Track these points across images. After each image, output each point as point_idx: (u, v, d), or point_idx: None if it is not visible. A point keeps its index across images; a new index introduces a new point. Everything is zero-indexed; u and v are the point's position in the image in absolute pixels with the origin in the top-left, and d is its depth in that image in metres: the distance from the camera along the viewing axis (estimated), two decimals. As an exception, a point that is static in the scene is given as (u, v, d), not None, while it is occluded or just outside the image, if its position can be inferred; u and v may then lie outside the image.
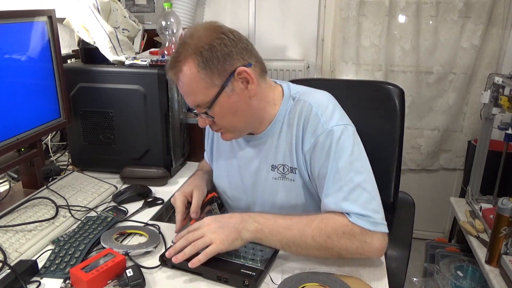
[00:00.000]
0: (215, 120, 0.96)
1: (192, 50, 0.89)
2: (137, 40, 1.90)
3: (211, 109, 0.93)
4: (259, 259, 0.90)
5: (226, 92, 0.92)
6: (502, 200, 1.35)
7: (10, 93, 1.11)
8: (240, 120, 0.97)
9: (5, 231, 1.00)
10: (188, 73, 0.90)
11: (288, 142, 1.00)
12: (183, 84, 0.92)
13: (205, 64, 0.89)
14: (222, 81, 0.91)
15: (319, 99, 0.99)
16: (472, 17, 2.13)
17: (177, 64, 0.91)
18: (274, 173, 1.03)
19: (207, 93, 0.92)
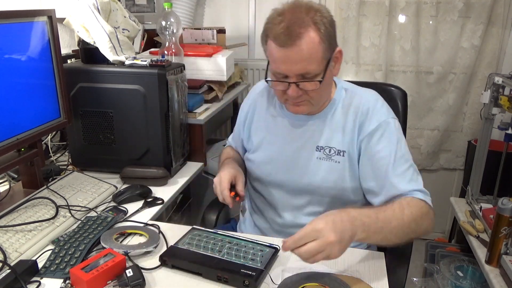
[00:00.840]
0: (311, 90, 1.00)
1: (315, 20, 0.94)
2: (137, 40, 1.90)
3: (323, 79, 0.98)
4: (259, 259, 0.90)
5: (330, 66, 1.00)
6: (502, 200, 1.35)
7: (10, 93, 1.11)
8: (324, 94, 1.07)
9: (5, 231, 1.00)
10: (310, 41, 0.94)
11: (340, 127, 1.08)
12: (300, 50, 0.94)
13: (326, 37, 0.95)
14: (329, 56, 0.99)
15: (374, 94, 1.11)
16: (472, 17, 2.13)
17: (298, 29, 0.93)
18: (319, 153, 1.09)
19: (320, 64, 0.97)
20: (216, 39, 1.98)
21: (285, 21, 0.94)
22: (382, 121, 1.04)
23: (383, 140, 1.03)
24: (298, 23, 0.93)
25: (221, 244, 0.95)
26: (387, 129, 1.04)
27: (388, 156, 1.02)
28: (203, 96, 1.71)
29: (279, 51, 0.96)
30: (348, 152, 1.07)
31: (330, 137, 1.09)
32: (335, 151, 1.08)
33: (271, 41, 0.97)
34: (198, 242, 0.97)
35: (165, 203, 1.25)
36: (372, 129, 1.04)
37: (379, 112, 1.06)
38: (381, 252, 1.00)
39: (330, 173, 1.08)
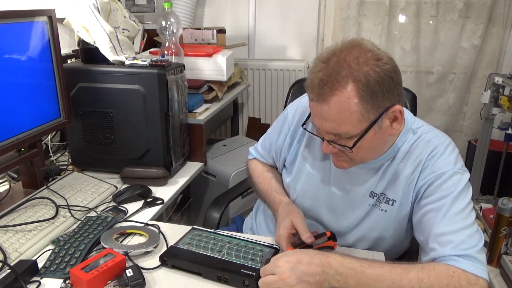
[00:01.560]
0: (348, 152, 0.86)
1: (357, 73, 0.78)
2: (137, 40, 1.90)
3: (355, 145, 0.83)
4: (259, 259, 0.90)
5: (374, 128, 0.83)
6: (502, 200, 1.35)
7: (10, 93, 1.11)
8: (372, 154, 0.92)
9: (5, 231, 1.00)
10: (345, 100, 0.79)
11: (397, 173, 0.94)
12: (330, 109, 0.80)
13: (368, 96, 0.79)
14: (376, 117, 0.82)
15: (444, 139, 0.94)
16: (472, 17, 2.13)
17: (333, 85, 0.79)
18: (372, 200, 0.97)
19: (356, 126, 0.82)
20: (216, 39, 1.98)
21: (323, 71, 0.80)
22: (446, 171, 0.88)
23: (439, 191, 0.87)
24: (334, 76, 0.79)
25: (221, 244, 0.95)
26: (448, 180, 0.87)
27: (437, 210, 0.86)
28: (203, 96, 1.71)
29: (312, 104, 0.85)
30: (399, 202, 0.95)
31: (386, 184, 0.95)
32: (386, 198, 0.96)
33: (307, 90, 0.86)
34: (198, 242, 0.97)
35: (165, 203, 1.25)
36: (432, 177, 0.89)
37: (445, 161, 0.89)
38: (381, 253, 1.00)
39: (375, 223, 0.98)
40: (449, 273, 0.78)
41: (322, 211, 1.04)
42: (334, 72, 0.79)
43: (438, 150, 0.91)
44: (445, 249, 0.81)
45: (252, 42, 2.40)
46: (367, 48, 0.82)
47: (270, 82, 2.38)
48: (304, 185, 1.05)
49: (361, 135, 0.83)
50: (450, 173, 0.88)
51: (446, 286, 0.77)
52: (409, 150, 0.94)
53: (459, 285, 0.77)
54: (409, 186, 0.93)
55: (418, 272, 0.78)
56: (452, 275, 0.77)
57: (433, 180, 0.89)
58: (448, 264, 0.79)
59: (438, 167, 0.89)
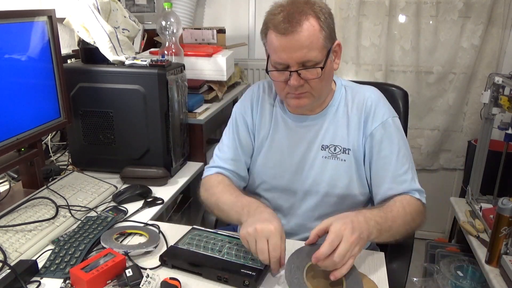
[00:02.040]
0: (312, 81, 0.99)
1: (314, 9, 0.96)
2: (137, 40, 1.90)
3: (324, 67, 0.98)
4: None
5: (330, 57, 1.00)
6: (502, 200, 1.35)
7: (10, 93, 1.11)
8: (326, 87, 1.05)
9: (5, 231, 1.00)
10: (311, 27, 0.95)
11: (343, 125, 1.08)
12: (301, 37, 0.94)
13: (325, 26, 0.97)
14: (330, 46, 1.00)
15: (375, 93, 1.11)
16: (472, 17, 2.13)
17: (298, 17, 0.94)
18: (324, 152, 1.09)
19: (321, 52, 0.97)
20: (216, 39, 1.98)
21: (285, 11, 0.96)
22: (385, 121, 1.06)
23: (385, 140, 1.05)
24: (298, 11, 0.95)
25: (221, 244, 0.95)
26: (389, 128, 1.06)
27: (389, 156, 1.05)
28: (203, 96, 1.71)
29: (280, 39, 0.96)
30: (353, 150, 1.07)
31: (334, 135, 1.09)
32: (340, 149, 1.08)
33: (271, 31, 0.98)
34: (198, 242, 0.97)
35: (165, 203, 1.25)
36: (375, 127, 1.06)
37: (381, 111, 1.07)
38: (381, 252, 1.00)
39: (337, 172, 1.08)
40: (417, 203, 1.03)
41: (286, 176, 1.12)
42: (296, 8, 0.96)
43: (374, 100, 1.08)
44: (403, 187, 1.04)
45: (252, 42, 2.40)
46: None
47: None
48: (264, 156, 1.15)
49: (325, 60, 0.98)
50: (388, 121, 1.06)
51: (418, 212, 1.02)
52: (348, 101, 1.09)
53: (421, 210, 1.03)
54: (357, 134, 1.07)
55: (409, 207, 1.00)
56: (418, 204, 1.03)
57: (377, 129, 1.05)
58: (412, 196, 1.03)
59: (379, 116, 1.06)
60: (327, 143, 1.09)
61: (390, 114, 1.08)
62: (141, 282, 0.83)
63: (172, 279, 0.85)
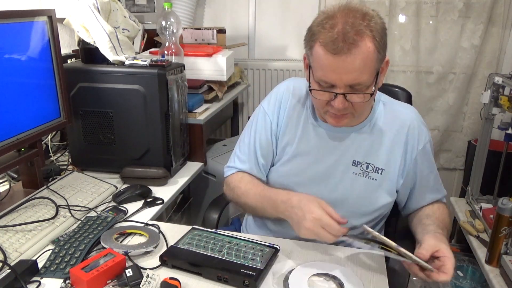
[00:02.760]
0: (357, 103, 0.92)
1: (373, 27, 0.87)
2: (137, 40, 1.90)
3: (374, 92, 0.93)
4: (259, 259, 0.90)
5: (379, 77, 0.94)
6: (502, 200, 1.35)
7: (10, 93, 1.11)
8: (369, 107, 1.03)
9: (5, 231, 1.00)
10: (367, 50, 0.86)
11: (379, 143, 1.04)
12: (354, 59, 0.86)
13: (380, 47, 0.89)
14: (379, 66, 0.92)
15: (415, 112, 1.10)
16: (472, 17, 2.13)
17: (356, 37, 0.85)
18: (355, 168, 1.05)
19: (371, 75, 0.90)
20: (216, 39, 1.98)
21: (339, 26, 0.86)
22: (427, 142, 1.07)
23: (426, 160, 1.07)
24: (354, 30, 0.85)
25: (221, 244, 0.95)
26: (430, 149, 1.08)
27: (429, 175, 1.09)
28: (203, 96, 1.71)
29: (330, 58, 0.87)
30: (387, 171, 1.04)
31: (368, 152, 1.04)
32: (373, 167, 1.04)
33: (320, 47, 0.88)
34: (198, 242, 0.97)
35: (165, 203, 1.25)
36: (420, 149, 1.05)
37: (424, 131, 1.07)
38: (381, 252, 1.00)
39: (365, 191, 1.04)
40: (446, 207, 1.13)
41: (311, 186, 1.06)
42: (351, 25, 0.85)
43: (416, 121, 1.06)
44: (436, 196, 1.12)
45: (252, 42, 2.40)
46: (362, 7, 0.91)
47: (270, 82, 2.38)
48: (291, 164, 1.09)
49: (375, 83, 0.92)
50: (430, 141, 1.08)
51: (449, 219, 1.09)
52: (388, 119, 1.05)
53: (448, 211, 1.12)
54: (395, 154, 1.04)
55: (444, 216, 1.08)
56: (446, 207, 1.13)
57: (422, 151, 1.05)
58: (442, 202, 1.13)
59: (423, 137, 1.06)
60: (359, 159, 1.04)
61: (428, 135, 1.08)
62: (141, 282, 0.83)
63: (172, 279, 0.85)
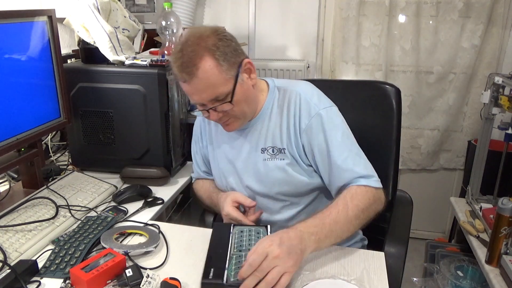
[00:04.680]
0: (230, 109, 1.02)
1: (207, 46, 0.96)
2: (137, 40, 1.90)
3: (233, 98, 1.00)
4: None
5: (239, 82, 1.01)
6: (502, 200, 1.35)
7: (10, 93, 1.11)
8: (249, 106, 1.07)
9: (5, 231, 1.00)
10: (208, 68, 0.96)
11: (277, 126, 1.10)
12: (201, 80, 0.96)
13: (223, 57, 0.97)
14: (236, 72, 1.00)
15: (305, 87, 1.12)
16: (472, 17, 2.13)
17: (193, 62, 0.95)
18: (264, 155, 1.11)
19: (227, 84, 0.99)
20: (216, 39, 1.98)
21: (181, 58, 0.97)
22: (314, 115, 1.06)
23: (317, 134, 1.06)
24: (192, 56, 0.95)
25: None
26: (319, 121, 1.06)
27: (325, 148, 1.05)
28: (203, 96, 1.71)
29: (185, 86, 1.00)
30: (287, 149, 1.09)
31: (271, 137, 1.11)
32: (277, 149, 1.10)
33: (177, 79, 1.01)
34: None
35: (165, 203, 1.25)
36: (306, 124, 1.06)
37: (309, 105, 1.07)
38: (381, 252, 1.00)
39: (280, 172, 1.10)
40: (365, 190, 1.00)
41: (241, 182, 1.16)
42: (190, 53, 0.96)
43: (302, 97, 1.08)
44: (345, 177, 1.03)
45: (252, 42, 2.40)
46: (200, 29, 1.01)
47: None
48: (216, 168, 1.22)
49: (233, 89, 1.00)
50: (318, 114, 1.06)
51: (370, 201, 0.99)
52: (280, 103, 1.11)
53: (372, 196, 1.00)
54: (289, 135, 1.08)
55: (354, 201, 0.97)
56: (366, 191, 1.00)
57: (309, 126, 1.06)
58: (358, 185, 1.01)
59: (307, 112, 1.07)
60: (265, 145, 1.11)
61: (321, 105, 1.08)
62: (141, 282, 0.83)
63: (172, 279, 0.85)
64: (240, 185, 1.16)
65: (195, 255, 0.97)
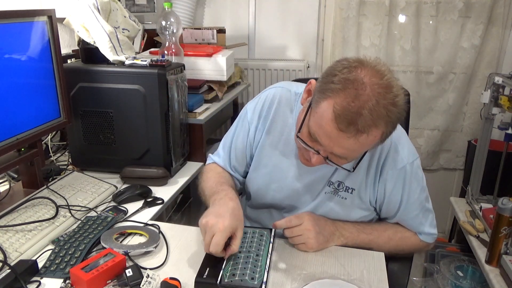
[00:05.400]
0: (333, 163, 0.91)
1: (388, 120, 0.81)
2: (137, 40, 1.90)
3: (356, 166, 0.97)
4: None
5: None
6: (502, 200, 1.35)
7: (10, 93, 1.11)
8: None
9: (5, 231, 1.00)
10: (372, 139, 0.83)
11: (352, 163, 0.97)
12: (356, 145, 0.83)
13: (387, 135, 0.86)
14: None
15: (397, 134, 0.97)
16: (472, 17, 2.13)
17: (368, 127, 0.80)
18: (328, 188, 1.06)
19: (361, 153, 0.94)
20: (216, 39, 1.98)
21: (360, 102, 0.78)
22: (400, 168, 1.00)
23: (397, 186, 1.02)
24: (372, 120, 0.79)
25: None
26: (403, 175, 1.01)
27: (399, 201, 1.04)
28: (203, 96, 1.71)
29: (334, 130, 0.82)
30: (358, 190, 1.03)
31: (342, 173, 1.03)
32: (343, 187, 1.04)
33: (330, 110, 0.81)
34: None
35: (165, 203, 1.25)
36: (389, 174, 1.01)
37: (398, 155, 1.00)
38: (381, 252, 1.00)
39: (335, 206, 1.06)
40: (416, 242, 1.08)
41: (283, 201, 1.11)
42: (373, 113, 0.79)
43: (393, 145, 1.00)
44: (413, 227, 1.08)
45: (252, 42, 2.40)
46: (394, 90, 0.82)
47: (270, 82, 2.38)
48: (266, 176, 1.11)
49: (361, 158, 0.97)
50: (405, 168, 1.01)
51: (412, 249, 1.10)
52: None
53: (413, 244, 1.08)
54: (368, 175, 1.02)
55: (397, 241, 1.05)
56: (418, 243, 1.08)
57: (392, 176, 1.01)
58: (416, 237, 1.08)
59: (395, 163, 1.00)
60: (333, 179, 1.05)
61: (409, 158, 1.01)
62: (141, 282, 0.83)
63: (172, 279, 0.85)
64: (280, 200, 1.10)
65: (195, 255, 0.97)
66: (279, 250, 0.99)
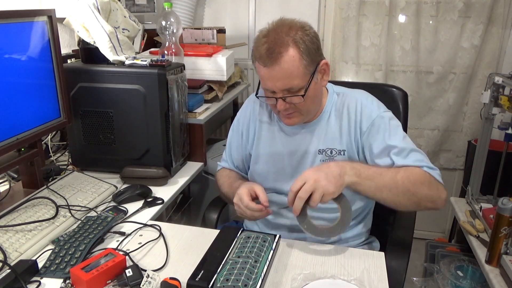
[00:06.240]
0: (298, 103, 1.04)
1: (295, 39, 0.99)
2: (137, 40, 1.90)
3: (306, 93, 1.03)
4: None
5: (314, 79, 1.05)
6: (502, 200, 1.35)
7: (10, 93, 1.11)
8: (315, 105, 1.11)
9: (5, 231, 1.00)
10: (291, 58, 0.99)
11: (336, 129, 1.13)
12: (282, 68, 0.99)
13: (306, 54, 1.00)
14: (313, 70, 1.04)
15: (363, 94, 1.16)
16: (472, 17, 2.13)
17: (279, 49, 0.99)
18: (321, 156, 1.14)
19: (303, 79, 1.02)
20: (216, 39, 1.98)
21: (268, 43, 1.00)
22: (375, 117, 1.10)
23: (379, 133, 1.08)
24: (279, 44, 0.99)
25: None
26: (381, 122, 1.09)
27: (386, 144, 1.07)
28: (203, 96, 1.71)
29: (264, 70, 1.02)
30: (347, 150, 1.12)
31: (330, 140, 1.13)
32: (336, 151, 1.13)
33: (257, 61, 1.04)
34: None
35: (165, 203, 1.25)
36: (367, 127, 1.09)
37: (370, 109, 1.11)
38: (381, 252, 1.00)
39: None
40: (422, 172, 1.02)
41: (284, 181, 1.17)
42: (276, 40, 1.00)
43: (362, 102, 1.12)
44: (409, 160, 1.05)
45: (252, 42, 2.40)
46: (290, 21, 1.04)
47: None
48: (263, 165, 1.21)
49: (308, 85, 1.03)
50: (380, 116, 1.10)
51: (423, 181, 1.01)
52: (338, 108, 1.15)
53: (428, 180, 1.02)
54: (349, 137, 1.11)
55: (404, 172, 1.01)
56: (423, 173, 1.02)
57: (369, 127, 1.09)
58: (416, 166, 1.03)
59: (368, 115, 1.10)
60: (323, 147, 1.14)
61: (379, 110, 1.12)
62: (141, 282, 0.83)
63: (172, 279, 0.85)
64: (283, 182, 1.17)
65: (195, 255, 0.97)
66: (279, 250, 1.00)
